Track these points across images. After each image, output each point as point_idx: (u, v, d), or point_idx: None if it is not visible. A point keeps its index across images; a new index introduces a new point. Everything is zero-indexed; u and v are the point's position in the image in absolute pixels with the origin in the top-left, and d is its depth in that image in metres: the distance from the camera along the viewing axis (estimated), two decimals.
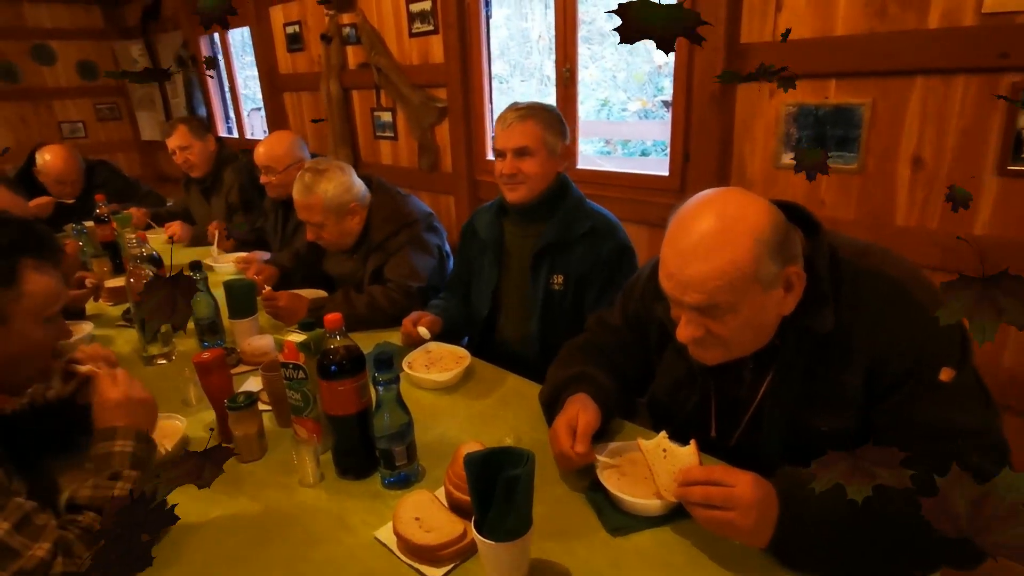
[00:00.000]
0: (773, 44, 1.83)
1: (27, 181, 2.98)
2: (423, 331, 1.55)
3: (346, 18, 3.49)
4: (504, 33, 4.79)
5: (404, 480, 1.08)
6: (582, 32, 4.63)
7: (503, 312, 1.72)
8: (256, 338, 1.59)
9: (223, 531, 1.00)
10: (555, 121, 1.59)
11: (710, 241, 0.86)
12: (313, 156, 2.41)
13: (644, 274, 1.20)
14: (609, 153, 4.62)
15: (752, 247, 0.85)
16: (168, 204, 3.19)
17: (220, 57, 5.21)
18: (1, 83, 5.78)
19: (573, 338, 1.32)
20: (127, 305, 1.82)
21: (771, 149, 1.94)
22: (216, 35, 5.11)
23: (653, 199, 2.29)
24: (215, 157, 2.85)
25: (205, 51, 5.29)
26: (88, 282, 1.88)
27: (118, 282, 2.06)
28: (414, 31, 3.11)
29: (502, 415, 1.31)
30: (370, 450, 1.08)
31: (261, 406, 1.29)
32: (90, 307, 1.95)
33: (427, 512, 0.95)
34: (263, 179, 2.34)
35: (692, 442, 0.98)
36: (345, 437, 1.09)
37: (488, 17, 2.85)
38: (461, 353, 1.50)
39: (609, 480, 1.01)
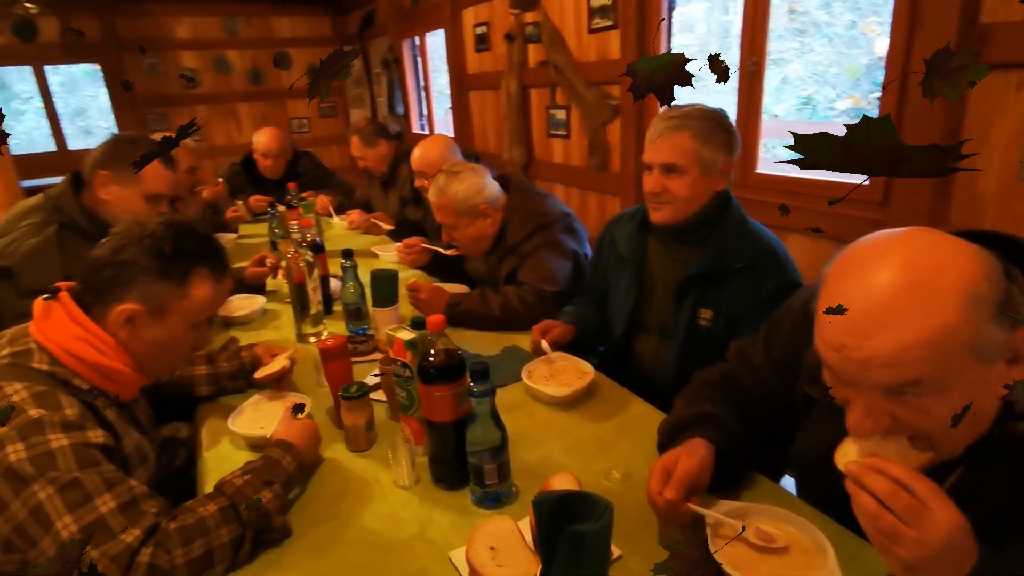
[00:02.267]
0: None
1: (249, 165, 3.47)
2: (545, 346, 1.46)
3: (529, 17, 3.52)
4: (703, 28, 4.49)
5: (494, 500, 1.01)
6: (793, 23, 4.15)
7: (640, 337, 1.56)
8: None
9: (310, 518, 1.01)
10: (717, 132, 1.36)
11: (903, 301, 0.63)
12: (466, 156, 2.47)
13: (795, 307, 0.98)
14: None
15: (964, 306, 0.62)
16: (356, 193, 3.49)
17: (418, 58, 5.60)
18: (249, 86, 6.83)
19: (708, 369, 1.14)
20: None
21: (1014, 158, 1.52)
22: (416, 38, 5.49)
23: (846, 211, 1.95)
24: (391, 155, 3.05)
25: (408, 54, 5.72)
26: (268, 261, 2.09)
27: None
28: (593, 27, 3.02)
29: (618, 444, 1.17)
30: (465, 461, 1.03)
31: (378, 398, 1.31)
32: (269, 284, 2.17)
33: (505, 544, 0.87)
34: (417, 183, 2.44)
35: (929, 453, 0.71)
36: (440, 444, 1.05)
37: (671, 10, 2.66)
38: (585, 368, 1.39)
39: (721, 550, 0.83)
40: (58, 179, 1.80)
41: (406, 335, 1.09)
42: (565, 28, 3.25)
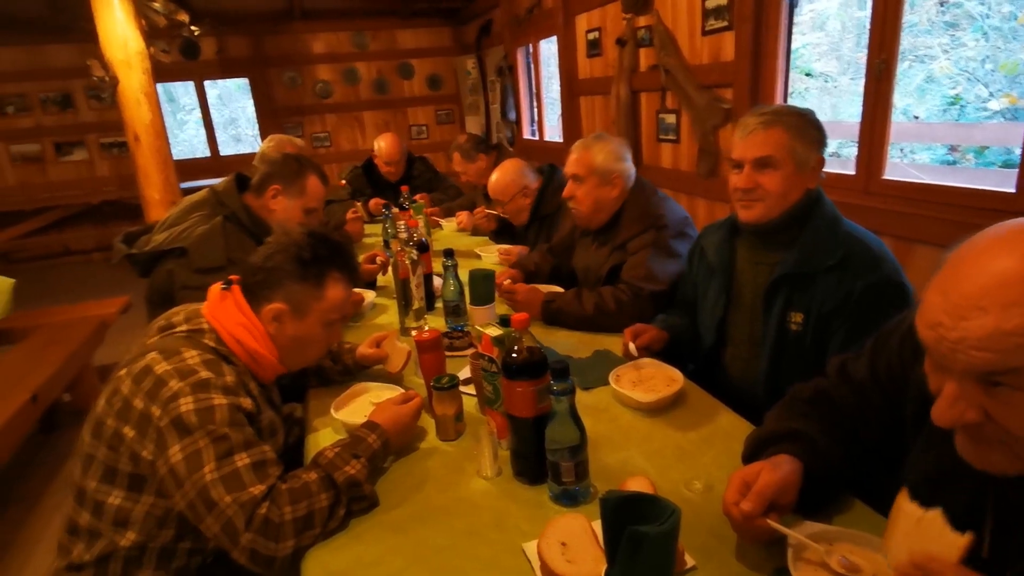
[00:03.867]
0: None
1: (369, 169, 3.71)
2: (632, 348, 1.45)
3: (642, 20, 3.48)
4: (835, 25, 4.21)
5: (570, 497, 1.02)
6: (943, 16, 3.77)
7: (729, 346, 1.50)
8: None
9: (395, 498, 1.08)
10: (808, 128, 1.31)
11: (1013, 290, 0.59)
12: (540, 169, 2.61)
13: (908, 320, 0.91)
14: (954, 162, 3.72)
15: None
16: (463, 197, 3.63)
17: (531, 65, 5.71)
18: (374, 95, 7.29)
19: (803, 383, 1.08)
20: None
21: None
22: (530, 46, 5.60)
23: (986, 222, 1.75)
24: (490, 168, 3.14)
25: (521, 62, 5.85)
26: (379, 259, 2.24)
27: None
28: (707, 28, 2.94)
29: (701, 454, 1.15)
30: (544, 457, 1.05)
31: (468, 391, 1.37)
32: (380, 280, 2.32)
33: (576, 540, 0.88)
34: (496, 210, 2.59)
35: (968, 535, 0.69)
36: (521, 439, 1.08)
37: (792, 7, 2.53)
38: (674, 375, 1.37)
39: (802, 573, 0.80)
40: (211, 181, 2.10)
41: (494, 331, 1.14)
42: (678, 31, 3.18)
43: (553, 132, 5.66)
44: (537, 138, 5.79)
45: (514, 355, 1.03)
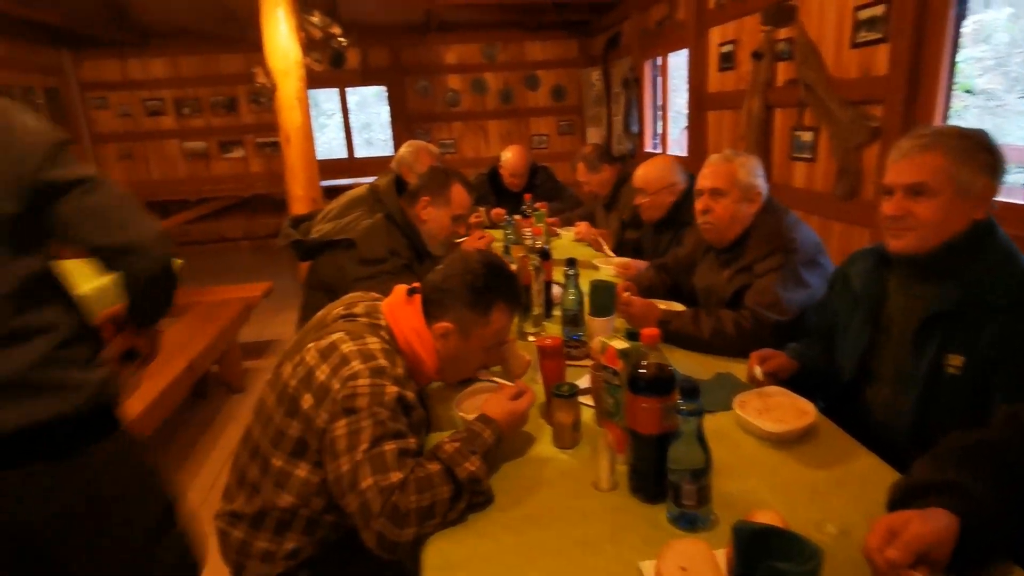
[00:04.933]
0: None
1: (493, 178, 3.83)
2: (758, 372, 1.38)
3: (782, 33, 3.32)
4: (1004, 38, 3.80)
5: (689, 521, 1.00)
6: None
7: (871, 383, 1.38)
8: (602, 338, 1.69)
9: (511, 499, 1.11)
10: (976, 152, 1.17)
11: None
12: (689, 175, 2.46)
13: None
14: None
15: None
16: (581, 208, 3.65)
17: (658, 78, 5.62)
18: (500, 105, 7.50)
19: (965, 431, 0.98)
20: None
21: None
22: (659, 58, 5.52)
23: None
24: (613, 179, 3.13)
25: (648, 74, 5.78)
26: None
27: None
28: (858, 41, 2.75)
29: (835, 496, 1.07)
30: (664, 477, 1.04)
31: (586, 402, 1.37)
32: None
33: (697, 567, 0.86)
34: (637, 200, 2.49)
35: None
36: (641, 456, 1.07)
37: (959, 18, 2.31)
38: (805, 407, 1.29)
39: None
40: (347, 181, 2.31)
41: (620, 344, 1.14)
42: (823, 43, 3.01)
43: (675, 146, 5.54)
44: (660, 151, 5.68)
45: (642, 370, 1.03)
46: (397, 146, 7.20)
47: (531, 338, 1.86)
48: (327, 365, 1.12)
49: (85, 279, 1.31)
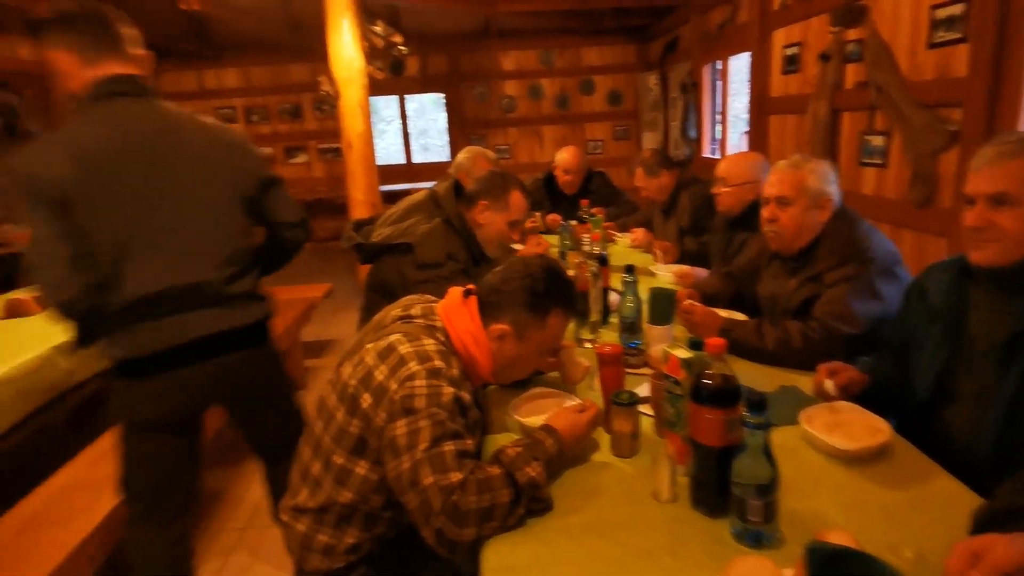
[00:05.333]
0: None
1: (549, 183, 3.83)
2: (829, 385, 1.33)
3: (852, 34, 3.20)
4: None
5: (754, 538, 0.97)
6: None
7: (950, 402, 1.30)
8: (662, 347, 1.66)
9: (569, 506, 1.11)
10: None
11: None
12: None
13: None
14: None
15: None
16: (637, 213, 3.60)
17: (718, 82, 5.51)
18: (555, 110, 7.51)
19: None
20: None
21: None
22: (719, 62, 5.41)
23: None
24: (672, 185, 3.07)
25: (707, 78, 5.67)
26: None
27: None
28: (935, 41, 2.63)
29: (910, 518, 1.02)
30: (726, 490, 1.01)
31: (646, 410, 1.36)
32: None
33: None
34: (715, 189, 2.40)
35: None
36: (704, 468, 1.05)
37: None
38: (879, 425, 1.24)
39: None
40: (404, 186, 2.37)
41: (683, 353, 1.12)
42: (896, 43, 2.88)
43: (734, 152, 5.41)
44: (719, 156, 5.56)
45: (706, 380, 1.01)
46: (454, 152, 7.34)
47: (587, 344, 1.85)
48: (385, 366, 1.15)
49: None
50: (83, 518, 1.77)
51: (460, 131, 7.43)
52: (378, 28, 4.38)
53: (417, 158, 7.77)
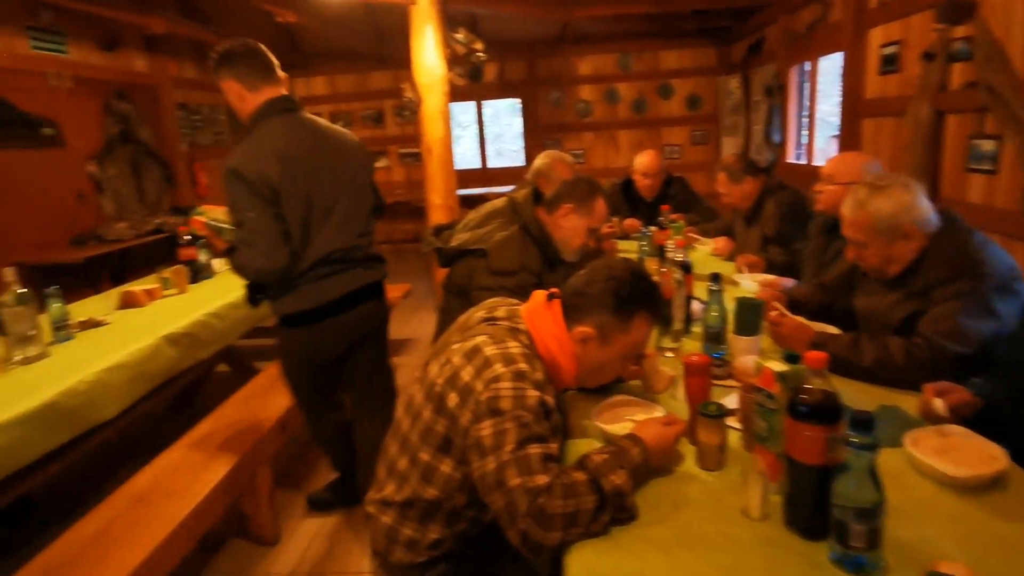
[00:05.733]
0: None
1: (627, 188, 3.79)
2: (938, 404, 1.24)
3: (959, 31, 2.99)
4: None
5: (855, 565, 0.92)
6: None
7: None
8: (751, 358, 1.60)
9: (654, 516, 1.09)
10: None
11: None
12: None
13: None
14: None
15: None
16: (718, 220, 3.50)
17: (806, 84, 5.28)
18: (632, 115, 7.42)
19: None
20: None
21: None
22: (807, 63, 5.18)
23: None
24: (756, 192, 2.94)
25: (794, 80, 5.45)
26: None
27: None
28: None
29: None
30: (825, 512, 0.97)
31: (732, 423, 1.32)
32: None
33: None
34: (816, 187, 2.28)
35: None
36: (800, 487, 1.01)
37: None
38: (994, 452, 1.14)
39: None
40: (479, 191, 2.44)
41: (778, 366, 1.08)
42: (1011, 42, 2.67)
43: (821, 157, 5.16)
44: (805, 162, 5.33)
45: (805, 395, 0.97)
46: (529, 156, 7.39)
47: (669, 353, 1.81)
48: (471, 367, 1.17)
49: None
50: (185, 496, 1.91)
51: (535, 136, 7.47)
52: (460, 35, 4.48)
53: (492, 163, 7.88)
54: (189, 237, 3.01)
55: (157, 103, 5.84)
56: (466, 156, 8.81)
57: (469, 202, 6.34)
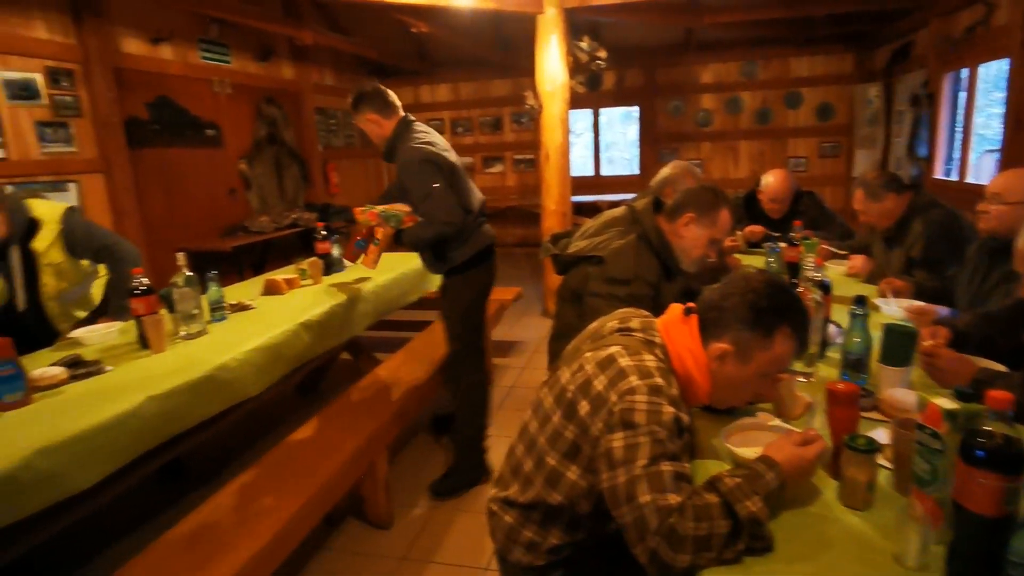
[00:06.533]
0: None
1: (750, 203, 3.62)
2: None
3: None
4: None
5: None
6: None
7: None
8: (901, 391, 1.48)
9: (795, 552, 1.03)
10: None
11: None
12: None
13: None
14: None
15: None
16: (854, 239, 3.25)
17: (961, 93, 4.79)
18: (755, 124, 7.09)
19: None
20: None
21: None
22: (965, 70, 4.71)
23: None
24: (900, 211, 2.68)
25: (947, 89, 4.97)
26: None
27: None
28: None
29: None
30: (998, 569, 0.87)
31: (881, 460, 1.22)
32: None
33: None
34: (979, 206, 2.06)
35: None
36: (969, 539, 0.92)
37: None
38: None
39: None
40: (592, 198, 2.50)
41: (946, 404, 0.99)
42: None
43: (975, 173, 4.67)
44: (956, 179, 4.85)
45: (983, 439, 0.88)
46: (644, 165, 7.28)
47: (801, 378, 1.71)
48: (604, 376, 1.16)
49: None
50: (315, 474, 2.05)
51: (651, 145, 7.34)
52: (584, 44, 4.50)
53: (604, 170, 7.83)
54: (324, 233, 3.23)
55: (300, 108, 6.35)
56: (576, 163, 8.82)
57: (581, 209, 6.37)
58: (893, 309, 2.21)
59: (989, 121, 4.92)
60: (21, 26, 3.73)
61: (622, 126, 9.99)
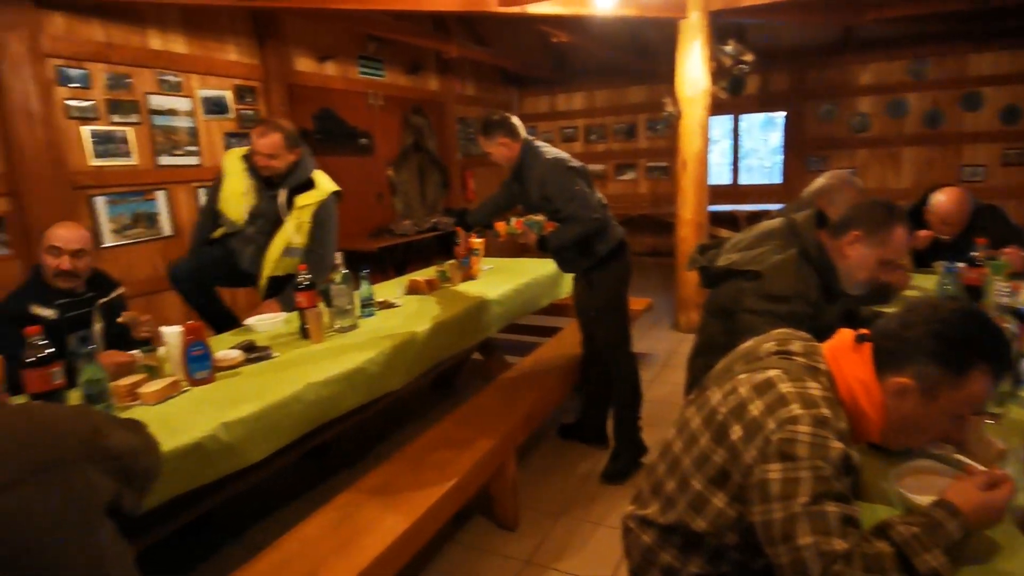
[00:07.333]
0: None
1: (915, 217, 3.26)
2: None
3: None
4: None
5: None
6: None
7: None
8: None
9: None
10: None
11: None
12: None
13: None
14: None
15: None
16: None
17: None
18: (922, 129, 6.39)
19: None
20: None
21: None
22: None
23: None
24: None
25: None
26: None
27: None
28: None
29: None
30: None
31: None
32: None
33: None
34: None
35: None
36: None
37: None
38: None
39: None
40: (728, 207, 2.32)
41: None
42: None
43: None
44: None
45: None
46: (788, 174, 6.84)
47: (989, 420, 1.51)
48: (761, 401, 1.08)
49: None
50: (449, 469, 2.14)
51: (798, 152, 6.86)
52: (729, 47, 4.31)
53: (743, 179, 7.44)
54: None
55: (443, 117, 6.69)
56: (714, 171, 8.46)
57: (717, 219, 6.08)
58: None
59: None
60: (217, 50, 4.27)
61: (762, 132, 9.44)
